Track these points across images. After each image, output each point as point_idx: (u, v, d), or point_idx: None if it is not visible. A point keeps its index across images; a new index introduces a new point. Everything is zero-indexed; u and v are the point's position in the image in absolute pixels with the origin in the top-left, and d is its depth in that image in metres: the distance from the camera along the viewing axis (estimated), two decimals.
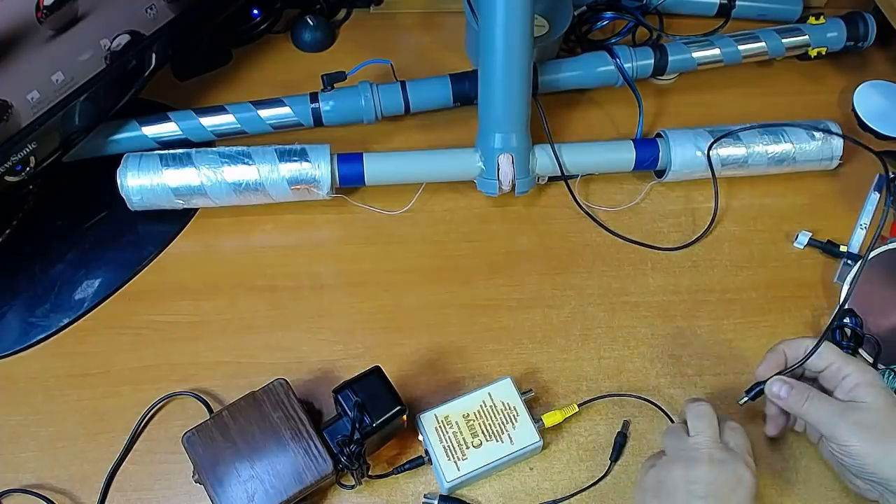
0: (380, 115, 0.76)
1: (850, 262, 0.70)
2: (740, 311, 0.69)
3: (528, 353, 0.66)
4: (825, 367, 0.56)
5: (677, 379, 0.65)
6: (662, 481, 0.52)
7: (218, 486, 0.53)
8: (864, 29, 0.82)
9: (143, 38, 0.66)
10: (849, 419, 0.52)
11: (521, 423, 0.59)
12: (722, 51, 0.81)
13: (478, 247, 0.72)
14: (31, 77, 0.57)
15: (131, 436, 0.60)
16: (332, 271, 0.70)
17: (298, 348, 0.65)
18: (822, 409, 0.54)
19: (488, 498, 0.59)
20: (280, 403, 0.56)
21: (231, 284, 0.69)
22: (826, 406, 0.54)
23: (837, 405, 0.54)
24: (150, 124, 0.72)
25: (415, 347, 0.66)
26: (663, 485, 0.52)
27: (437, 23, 0.89)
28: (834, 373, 0.56)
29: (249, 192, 0.68)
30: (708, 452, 0.52)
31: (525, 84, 0.68)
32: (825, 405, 0.54)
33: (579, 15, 0.85)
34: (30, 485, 0.58)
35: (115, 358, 0.64)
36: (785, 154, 0.73)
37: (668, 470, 0.53)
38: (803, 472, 0.61)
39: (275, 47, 0.86)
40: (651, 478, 0.54)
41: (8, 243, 0.68)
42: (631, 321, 0.68)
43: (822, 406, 0.54)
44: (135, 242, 0.71)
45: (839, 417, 0.53)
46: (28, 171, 0.61)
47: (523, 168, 0.70)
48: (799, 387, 0.56)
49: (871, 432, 0.52)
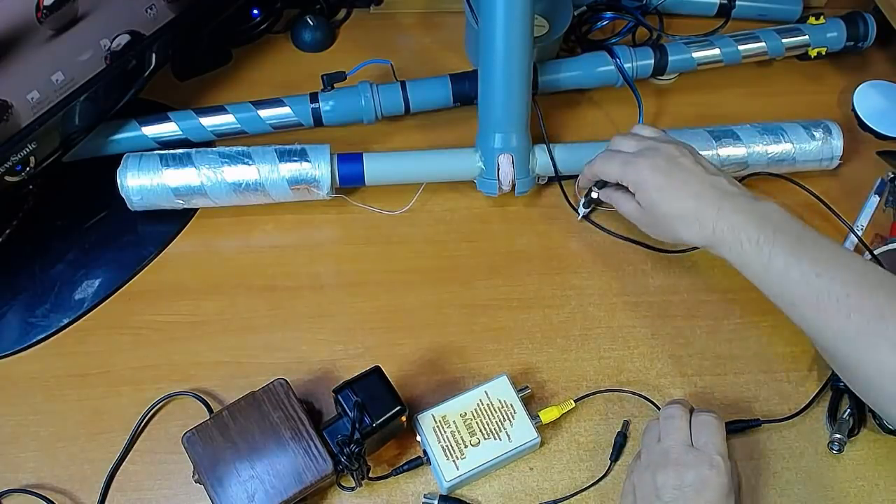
0: (380, 115, 0.76)
1: None
2: (740, 311, 0.69)
3: (527, 353, 0.66)
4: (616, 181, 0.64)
5: (677, 379, 0.65)
6: (637, 485, 0.53)
7: (218, 486, 0.53)
8: (864, 29, 0.82)
9: (143, 38, 0.66)
10: (642, 221, 0.63)
11: (518, 421, 0.59)
12: (722, 51, 0.81)
13: (478, 247, 0.72)
14: (31, 77, 0.57)
15: (131, 436, 0.60)
16: (332, 271, 0.70)
17: (298, 348, 0.65)
18: (629, 211, 0.64)
19: (488, 498, 0.59)
20: (280, 403, 0.56)
21: (231, 284, 0.69)
22: (629, 210, 0.64)
23: (635, 207, 0.63)
24: (150, 124, 0.72)
25: (415, 347, 0.66)
26: (637, 489, 0.53)
27: (437, 23, 0.89)
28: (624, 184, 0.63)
29: (249, 192, 0.68)
30: (674, 457, 0.52)
31: (525, 84, 0.68)
32: (629, 209, 0.64)
33: (579, 15, 0.85)
34: (30, 485, 0.58)
35: (115, 358, 0.64)
36: (785, 154, 0.73)
37: (640, 474, 0.53)
38: (803, 472, 0.61)
39: (275, 47, 0.86)
40: (628, 483, 0.55)
41: (8, 243, 0.69)
42: (631, 321, 0.68)
43: (628, 208, 0.64)
44: (135, 242, 0.71)
45: (637, 218, 0.64)
46: (28, 171, 0.61)
47: (523, 168, 0.70)
48: (611, 195, 0.67)
49: (653, 229, 0.63)
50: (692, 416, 0.55)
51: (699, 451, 0.52)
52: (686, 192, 0.58)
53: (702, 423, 0.54)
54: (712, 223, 0.57)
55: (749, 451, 0.61)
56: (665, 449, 0.53)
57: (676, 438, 0.53)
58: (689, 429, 0.54)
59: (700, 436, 0.53)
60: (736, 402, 0.64)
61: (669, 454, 0.52)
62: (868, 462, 0.61)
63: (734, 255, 0.56)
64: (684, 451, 0.52)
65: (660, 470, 0.52)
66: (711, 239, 0.57)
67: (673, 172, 0.59)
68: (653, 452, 0.54)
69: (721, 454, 0.52)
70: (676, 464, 0.51)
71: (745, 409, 0.63)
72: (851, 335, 0.51)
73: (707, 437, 0.53)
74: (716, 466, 0.51)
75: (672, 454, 0.52)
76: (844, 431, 0.60)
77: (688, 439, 0.53)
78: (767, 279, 0.55)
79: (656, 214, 0.60)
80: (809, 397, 0.64)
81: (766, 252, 0.54)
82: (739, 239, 0.55)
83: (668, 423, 0.54)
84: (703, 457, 0.52)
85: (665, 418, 0.55)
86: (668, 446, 0.53)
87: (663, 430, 0.54)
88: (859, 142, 0.81)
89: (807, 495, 0.60)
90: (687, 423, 0.54)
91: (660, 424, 0.55)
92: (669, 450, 0.52)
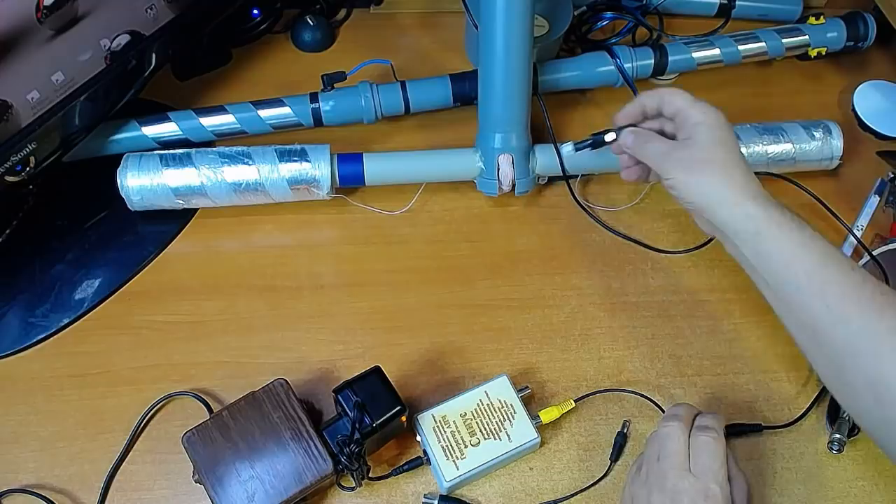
0: (380, 115, 0.76)
1: None
2: (740, 311, 0.69)
3: (528, 354, 0.66)
4: (675, 113, 0.59)
5: (677, 379, 0.65)
6: (634, 498, 0.53)
7: (218, 486, 0.53)
8: (864, 29, 0.82)
9: (143, 38, 0.66)
10: (674, 155, 0.57)
11: (518, 421, 0.59)
12: (722, 51, 0.81)
13: (478, 247, 0.72)
14: (31, 77, 0.57)
15: (131, 436, 0.60)
16: (332, 271, 0.70)
17: (298, 348, 0.65)
18: (657, 148, 0.59)
19: (488, 498, 0.59)
20: (280, 403, 0.56)
21: (231, 284, 0.69)
22: (660, 146, 0.59)
23: (670, 144, 0.58)
24: (150, 124, 0.72)
25: (415, 347, 0.66)
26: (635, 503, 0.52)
27: (437, 23, 0.89)
28: (681, 116, 0.58)
29: (249, 192, 0.68)
30: (671, 484, 0.50)
31: (525, 84, 0.68)
32: (660, 145, 0.59)
33: (579, 15, 0.85)
34: (30, 485, 0.58)
35: (115, 358, 0.64)
36: (785, 154, 0.73)
37: (638, 489, 0.53)
38: (803, 472, 0.61)
39: (275, 47, 0.86)
40: (627, 493, 0.54)
41: (8, 243, 0.69)
42: (631, 321, 0.68)
43: (657, 146, 0.59)
44: (135, 242, 0.71)
45: (667, 154, 0.57)
46: (28, 171, 0.61)
47: (523, 168, 0.70)
48: (642, 133, 0.61)
49: (687, 164, 0.56)
50: (692, 432, 0.53)
51: (696, 479, 0.50)
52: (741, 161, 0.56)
53: (700, 445, 0.52)
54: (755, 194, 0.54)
55: (749, 451, 0.61)
56: (663, 471, 0.51)
57: (673, 462, 0.51)
58: (687, 451, 0.52)
59: (698, 460, 0.51)
60: (736, 403, 0.64)
61: (667, 479, 0.51)
62: (868, 462, 0.61)
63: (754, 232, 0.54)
64: (681, 477, 0.51)
65: (655, 491, 0.51)
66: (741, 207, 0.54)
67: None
68: (651, 470, 0.52)
69: (718, 483, 0.50)
70: (673, 491, 0.50)
71: (745, 409, 0.63)
72: None
73: (705, 463, 0.51)
74: (711, 497, 0.49)
75: (669, 480, 0.51)
76: (844, 431, 0.60)
77: (685, 463, 0.51)
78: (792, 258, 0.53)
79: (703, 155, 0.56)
80: (809, 397, 0.64)
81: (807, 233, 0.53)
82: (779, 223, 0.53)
83: (667, 443, 0.52)
84: (699, 485, 0.50)
85: (663, 437, 0.53)
86: (665, 469, 0.51)
87: (662, 449, 0.53)
88: (859, 142, 0.81)
89: (807, 495, 0.60)
90: (685, 444, 0.52)
91: (658, 441, 0.53)
92: (667, 474, 0.51)
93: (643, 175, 0.64)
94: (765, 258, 0.54)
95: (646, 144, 0.59)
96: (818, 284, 0.51)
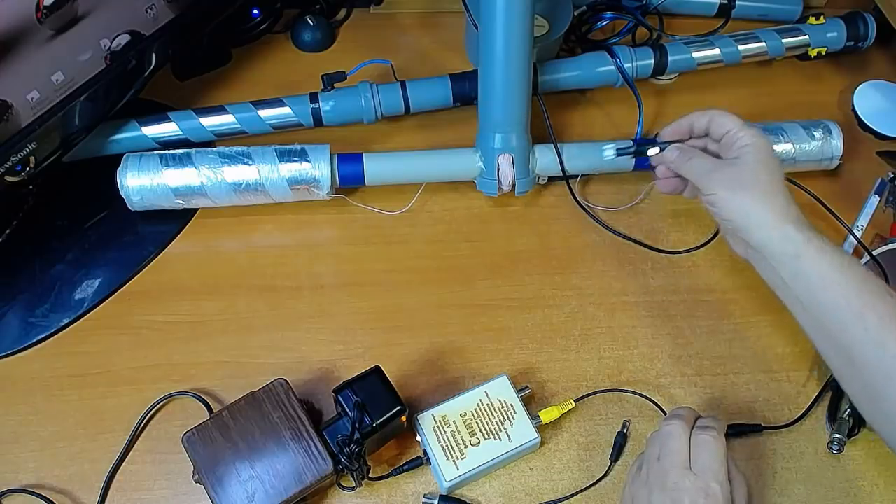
0: (380, 115, 0.76)
1: None
2: (740, 311, 0.69)
3: (527, 354, 0.66)
4: (723, 134, 0.60)
5: (677, 379, 0.65)
6: (634, 498, 0.53)
7: (218, 486, 0.53)
8: (864, 29, 0.82)
9: (143, 38, 0.66)
10: (719, 173, 0.58)
11: (518, 421, 0.59)
12: (722, 51, 0.81)
13: (478, 247, 0.72)
14: (31, 77, 0.57)
15: (131, 436, 0.60)
16: (332, 271, 0.70)
17: (298, 348, 0.65)
18: (702, 165, 0.60)
19: (488, 498, 0.59)
20: (280, 403, 0.56)
21: (231, 284, 0.69)
22: (705, 162, 0.60)
23: (715, 162, 0.60)
24: (150, 124, 0.72)
25: (415, 347, 0.66)
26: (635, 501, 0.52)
27: (437, 23, 0.89)
28: (730, 138, 0.59)
29: (249, 192, 0.68)
30: (671, 482, 0.51)
31: (525, 84, 0.68)
32: (705, 162, 0.60)
33: (579, 15, 0.85)
34: (30, 485, 0.58)
35: (115, 358, 0.64)
36: (785, 154, 0.73)
37: (639, 489, 0.53)
38: (803, 472, 0.61)
39: (275, 47, 0.86)
40: (627, 493, 0.54)
41: (8, 243, 0.69)
42: (631, 321, 0.68)
43: (702, 162, 0.60)
44: (135, 242, 0.71)
45: (712, 171, 0.59)
46: (28, 171, 0.61)
47: (523, 168, 0.70)
48: (686, 149, 0.62)
49: (731, 182, 0.57)
50: (693, 431, 0.54)
51: (696, 478, 0.51)
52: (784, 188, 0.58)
53: (701, 444, 0.52)
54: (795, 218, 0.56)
55: (749, 451, 0.62)
56: (664, 470, 0.52)
57: (675, 461, 0.52)
58: (688, 450, 0.52)
59: (699, 458, 0.52)
60: (736, 403, 0.64)
61: (667, 478, 0.51)
62: (868, 462, 0.61)
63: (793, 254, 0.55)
64: (682, 475, 0.51)
65: (656, 491, 0.51)
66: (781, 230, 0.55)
67: None
68: (652, 470, 0.53)
69: (719, 482, 0.50)
70: (673, 489, 0.50)
71: (745, 409, 0.63)
72: None
73: (705, 462, 0.51)
74: (712, 496, 0.50)
75: (670, 478, 0.51)
76: (844, 431, 0.60)
77: (686, 461, 0.52)
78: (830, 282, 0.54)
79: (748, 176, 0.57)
80: (809, 397, 0.64)
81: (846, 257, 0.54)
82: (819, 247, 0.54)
83: (668, 442, 0.53)
84: (699, 483, 0.50)
85: (665, 436, 0.53)
86: (666, 468, 0.52)
87: (662, 448, 0.53)
88: (859, 142, 0.81)
89: (807, 495, 0.60)
90: (686, 443, 0.53)
91: (659, 441, 0.54)
92: (668, 472, 0.51)
93: (679, 188, 0.66)
94: (803, 280, 0.55)
95: (690, 161, 0.61)
96: (857, 308, 0.52)
